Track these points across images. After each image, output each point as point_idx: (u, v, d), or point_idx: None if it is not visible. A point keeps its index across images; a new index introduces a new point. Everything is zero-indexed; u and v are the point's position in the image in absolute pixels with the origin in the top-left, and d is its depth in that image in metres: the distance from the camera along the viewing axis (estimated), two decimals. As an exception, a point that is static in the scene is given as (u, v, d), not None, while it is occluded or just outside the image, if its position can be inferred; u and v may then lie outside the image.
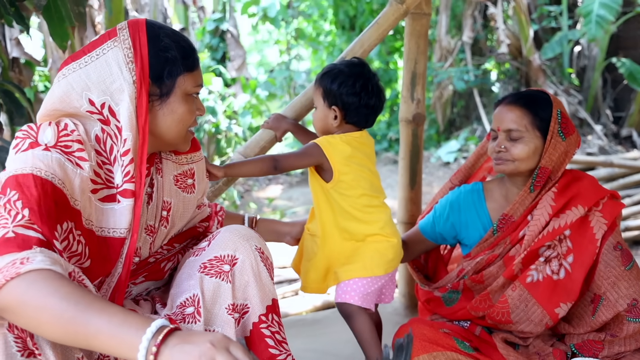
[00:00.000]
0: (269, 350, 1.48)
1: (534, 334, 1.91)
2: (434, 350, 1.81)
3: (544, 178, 1.88)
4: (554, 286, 1.85)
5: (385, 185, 7.25)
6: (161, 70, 1.39)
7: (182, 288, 1.49)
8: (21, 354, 1.12)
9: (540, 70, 8.34)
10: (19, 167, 1.24)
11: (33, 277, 1.08)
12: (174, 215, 1.61)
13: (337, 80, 1.94)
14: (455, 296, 2.04)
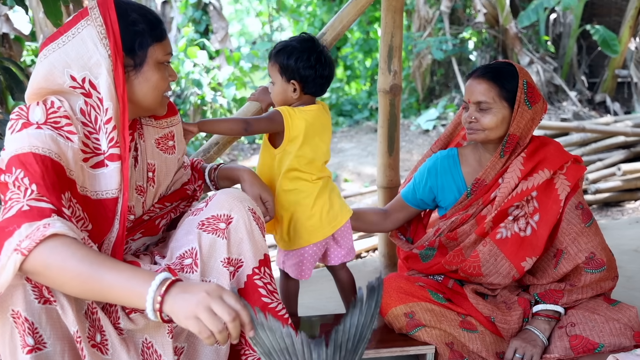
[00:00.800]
0: (261, 299, 1.64)
1: (501, 285, 2.09)
2: (409, 301, 2.00)
3: (512, 144, 2.03)
4: (521, 242, 2.02)
5: (367, 152, 7.48)
6: (132, 43, 1.49)
7: (181, 242, 1.65)
8: (38, 301, 1.28)
9: (516, 39, 8.50)
10: (18, 146, 1.36)
11: (54, 242, 1.23)
12: (159, 175, 1.73)
13: (293, 56, 2.08)
14: (431, 253, 2.21)
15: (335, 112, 10.16)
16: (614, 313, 1.93)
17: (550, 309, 2.00)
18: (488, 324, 2.02)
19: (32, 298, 1.27)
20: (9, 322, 1.26)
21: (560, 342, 1.92)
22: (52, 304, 1.30)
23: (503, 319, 2.01)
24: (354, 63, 11.28)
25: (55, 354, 1.30)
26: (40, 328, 1.28)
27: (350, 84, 11.54)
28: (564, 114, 8.02)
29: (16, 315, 1.26)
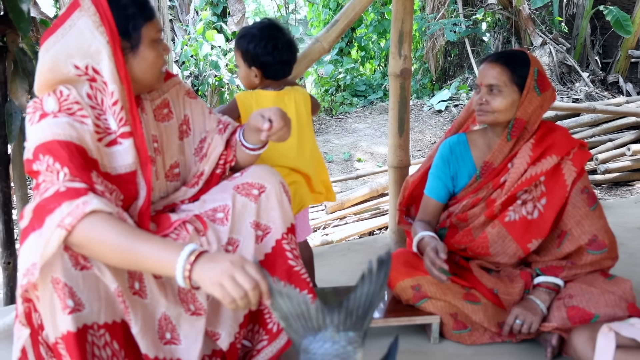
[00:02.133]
0: (288, 262, 1.76)
1: (507, 264, 2.17)
2: (416, 275, 2.12)
3: (519, 128, 2.08)
4: (528, 225, 2.09)
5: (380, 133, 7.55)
6: (126, 26, 1.56)
7: (215, 197, 1.77)
8: (75, 268, 1.39)
9: (529, 20, 8.47)
10: (41, 136, 1.45)
11: (94, 218, 1.35)
12: (162, 145, 1.79)
13: (252, 43, 2.18)
14: (442, 232, 2.30)
15: (350, 93, 10.20)
16: (610, 286, 2.00)
17: (551, 281, 2.08)
18: (491, 296, 2.12)
19: (70, 265, 1.39)
20: (48, 287, 1.38)
21: (559, 312, 2.00)
22: (88, 269, 1.42)
23: (505, 291, 2.10)
24: (368, 44, 11.29)
25: (92, 313, 1.43)
26: (78, 291, 1.40)
27: (365, 64, 11.56)
28: (576, 95, 8.03)
29: (55, 281, 1.38)
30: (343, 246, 3.37)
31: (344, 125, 8.21)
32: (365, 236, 4.66)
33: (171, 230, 1.67)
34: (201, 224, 1.70)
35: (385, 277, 1.45)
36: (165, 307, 1.58)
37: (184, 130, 1.88)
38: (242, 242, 1.73)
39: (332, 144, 7.11)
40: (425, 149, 6.86)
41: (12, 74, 2.89)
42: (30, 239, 1.38)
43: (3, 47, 2.83)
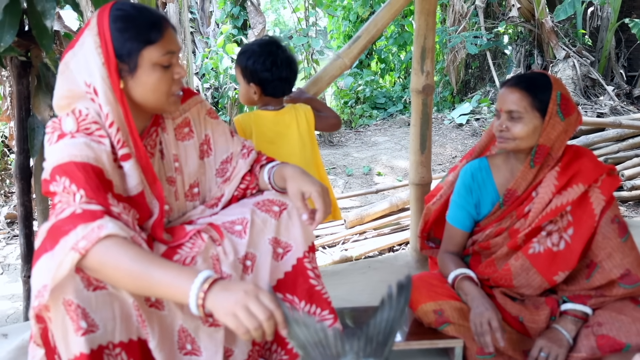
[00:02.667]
0: (309, 281, 1.74)
1: (532, 295, 2.09)
2: (439, 299, 2.06)
3: (543, 154, 2.01)
4: (554, 257, 2.00)
5: (400, 146, 7.50)
6: (122, 49, 1.53)
7: (234, 212, 1.76)
8: (87, 289, 1.39)
9: (552, 32, 8.40)
10: (58, 157, 1.46)
11: (108, 242, 1.34)
12: (182, 164, 1.79)
13: (251, 59, 2.17)
14: (466, 260, 2.26)
15: (369, 105, 10.18)
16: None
17: (579, 309, 2.00)
18: (516, 324, 2.06)
19: (82, 287, 1.39)
20: (60, 309, 1.38)
21: (587, 341, 1.93)
22: (102, 289, 1.42)
23: (531, 319, 2.04)
24: (388, 56, 11.28)
25: (107, 332, 1.43)
26: (91, 312, 1.40)
27: (385, 77, 11.55)
28: (600, 109, 7.92)
29: (67, 303, 1.37)
30: (363, 264, 3.33)
31: (363, 138, 8.18)
32: (385, 252, 4.61)
33: (186, 240, 1.66)
34: (217, 233, 1.69)
35: (406, 302, 1.43)
36: (182, 320, 1.57)
37: (204, 150, 1.86)
38: (259, 258, 1.71)
39: (352, 157, 7.09)
40: (446, 163, 6.81)
41: (36, 89, 2.91)
42: (42, 260, 1.37)
43: (27, 62, 2.85)
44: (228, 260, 1.65)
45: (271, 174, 1.82)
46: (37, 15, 2.39)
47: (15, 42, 2.67)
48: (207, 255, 1.65)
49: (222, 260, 1.66)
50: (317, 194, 1.65)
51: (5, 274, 4.62)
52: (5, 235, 5.29)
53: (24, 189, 2.96)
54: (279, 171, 1.79)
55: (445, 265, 2.21)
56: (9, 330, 2.40)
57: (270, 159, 1.94)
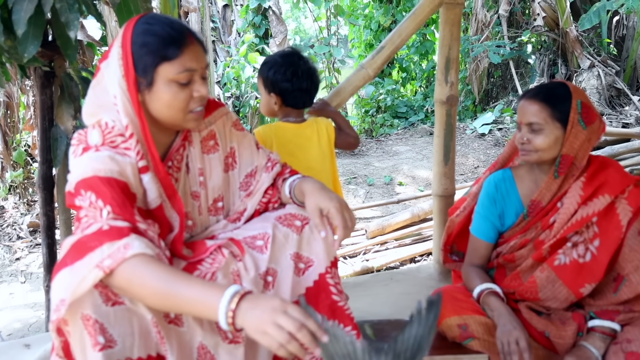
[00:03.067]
0: (331, 297, 1.73)
1: (559, 309, 2.06)
2: (463, 314, 2.03)
3: (567, 164, 1.99)
4: (580, 268, 1.97)
5: (422, 156, 7.47)
6: (140, 64, 1.54)
7: (255, 226, 1.74)
8: (105, 304, 1.39)
9: (577, 42, 8.31)
10: (82, 171, 1.47)
11: (135, 261, 1.35)
12: (206, 178, 1.78)
13: (272, 70, 2.18)
14: (491, 273, 2.23)
15: (390, 114, 10.15)
16: (672, 330, 1.87)
17: (607, 325, 1.96)
18: (542, 339, 2.03)
19: (100, 302, 1.38)
20: (79, 324, 1.37)
21: (616, 358, 1.88)
22: (120, 304, 1.41)
23: (557, 334, 2.00)
24: (409, 65, 11.24)
25: (125, 348, 1.42)
26: (109, 327, 1.39)
27: (406, 86, 11.50)
28: (626, 119, 7.80)
29: (86, 318, 1.37)
30: (385, 275, 3.30)
31: (384, 147, 8.14)
32: (407, 263, 4.57)
33: (207, 255, 1.64)
34: (238, 248, 1.67)
35: (435, 320, 1.41)
36: (201, 337, 1.56)
37: (229, 162, 1.85)
38: (280, 273, 1.70)
39: (373, 167, 7.05)
40: (468, 174, 6.74)
41: (59, 99, 2.93)
42: (61, 274, 1.37)
43: (50, 72, 2.87)
44: (249, 276, 1.64)
45: (292, 188, 1.80)
46: (61, 26, 2.40)
47: (39, 53, 2.68)
48: (228, 271, 1.64)
49: (242, 276, 1.64)
50: (335, 210, 1.62)
51: (27, 283, 4.65)
52: (27, 244, 5.33)
53: (47, 199, 2.98)
54: (299, 185, 1.77)
55: (470, 278, 2.18)
56: (31, 341, 2.41)
57: (294, 172, 1.92)
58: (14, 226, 5.60)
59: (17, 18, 2.20)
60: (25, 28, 2.22)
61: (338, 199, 1.66)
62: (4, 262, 5.02)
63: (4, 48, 2.43)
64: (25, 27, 2.22)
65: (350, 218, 1.65)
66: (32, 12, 2.21)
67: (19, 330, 3.74)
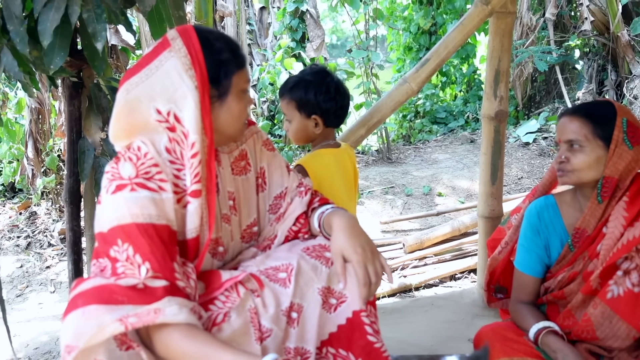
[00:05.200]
0: (367, 337, 1.57)
1: (622, 348, 1.87)
2: (514, 355, 1.83)
3: (611, 187, 1.85)
4: (637, 299, 1.79)
5: (462, 165, 7.23)
6: (217, 72, 1.47)
7: (280, 256, 1.61)
8: (119, 349, 1.31)
9: (628, 47, 7.97)
10: (118, 215, 1.37)
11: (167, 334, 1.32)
12: (239, 202, 1.69)
13: (310, 91, 2.03)
14: (542, 310, 2.05)
15: (429, 120, 9.93)
16: None
17: None
18: None
19: (115, 346, 1.31)
20: None
21: None
22: (134, 348, 1.33)
23: None
24: (449, 69, 10.99)
25: None
26: None
27: (445, 90, 11.26)
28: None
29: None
30: (425, 301, 3.12)
31: (423, 155, 7.92)
32: (447, 280, 4.37)
33: (220, 292, 1.51)
34: (257, 283, 1.54)
35: None
36: None
37: (259, 184, 1.74)
38: (306, 309, 1.55)
39: (411, 176, 6.84)
40: (512, 185, 6.48)
41: (87, 110, 2.83)
42: (73, 316, 1.29)
43: (78, 83, 2.77)
44: (268, 313, 1.51)
45: (321, 220, 1.68)
46: (88, 36, 2.30)
47: (67, 62, 2.59)
48: (244, 309, 1.50)
49: (261, 313, 1.51)
50: (357, 264, 1.51)
51: (56, 292, 4.59)
52: (58, 252, 5.28)
53: (74, 214, 2.88)
54: (329, 219, 1.66)
55: (521, 317, 1.99)
56: None
57: (323, 200, 1.79)
58: (45, 233, 5.56)
59: (43, 29, 2.13)
60: (51, 39, 2.14)
61: (365, 246, 1.54)
62: (35, 270, 4.98)
63: (30, 59, 2.36)
64: (51, 37, 2.14)
65: (376, 271, 1.52)
66: (58, 22, 2.12)
67: (45, 343, 3.67)
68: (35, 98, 5.26)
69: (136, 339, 1.34)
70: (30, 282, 4.76)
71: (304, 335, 1.55)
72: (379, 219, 5.53)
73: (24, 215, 5.93)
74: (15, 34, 2.12)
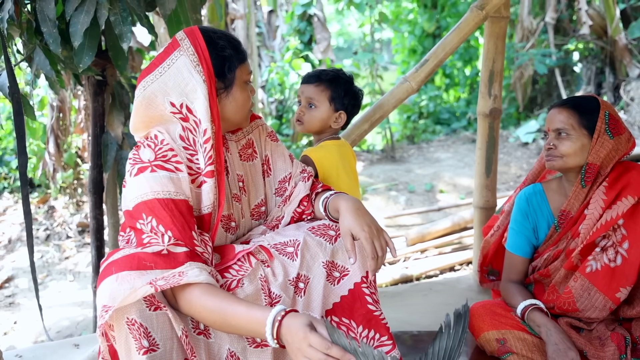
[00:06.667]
0: (367, 306, 1.73)
1: (600, 319, 2.06)
2: (502, 328, 2.05)
3: (593, 173, 2.05)
4: (612, 273, 2.00)
5: (463, 164, 7.41)
6: (222, 67, 1.65)
7: (287, 234, 1.79)
8: (149, 309, 1.46)
9: (626, 50, 8.12)
10: (141, 192, 1.56)
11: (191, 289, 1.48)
12: (248, 184, 1.86)
13: (350, 91, 2.18)
14: (529, 289, 2.24)
15: (433, 121, 10.10)
16: None
17: None
18: (581, 358, 2.01)
19: (144, 307, 1.46)
20: (124, 328, 1.44)
21: None
22: (161, 309, 1.48)
23: (596, 354, 1.99)
24: (453, 71, 11.16)
25: (166, 352, 1.49)
26: (152, 332, 1.47)
27: (449, 92, 11.43)
28: (676, 130, 7.60)
29: (131, 322, 1.44)
30: (424, 285, 3.30)
31: (426, 154, 8.11)
32: (447, 271, 4.56)
33: (234, 262, 1.70)
34: (266, 254, 1.72)
35: (464, 332, 1.46)
36: (229, 343, 1.62)
37: (265, 170, 1.93)
38: (312, 280, 1.73)
39: (414, 174, 7.04)
40: (511, 182, 6.67)
41: (110, 106, 3.04)
42: (107, 282, 1.48)
43: (102, 81, 2.98)
44: (277, 281, 1.69)
45: (327, 204, 1.83)
46: (114, 37, 2.49)
47: (92, 62, 2.79)
48: (255, 277, 1.68)
49: (270, 281, 1.69)
50: (365, 240, 1.62)
51: (76, 281, 4.81)
52: (76, 243, 5.52)
53: (97, 203, 3.09)
54: (334, 202, 1.78)
55: (510, 295, 2.19)
56: (80, 341, 2.50)
57: (325, 187, 1.97)
58: (63, 225, 5.81)
59: (74, 30, 2.30)
60: (81, 40, 2.32)
61: (371, 224, 1.66)
62: (54, 260, 5.22)
63: (60, 58, 2.54)
64: (81, 39, 2.31)
65: (381, 246, 1.64)
66: (88, 24, 2.30)
67: (67, 327, 3.87)
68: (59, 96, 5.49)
69: (163, 301, 1.51)
70: (50, 272, 5.00)
71: (310, 304, 1.72)
72: (383, 214, 5.72)
73: (43, 209, 6.17)
74: (48, 35, 2.31)
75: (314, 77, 2.19)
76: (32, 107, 2.59)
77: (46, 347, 2.47)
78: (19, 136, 2.37)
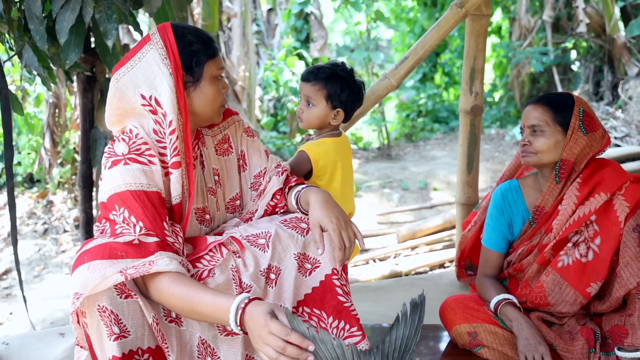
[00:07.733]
0: (337, 297, 1.75)
1: (571, 313, 2.08)
2: (474, 322, 2.08)
3: (567, 169, 2.07)
4: (584, 268, 2.02)
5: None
6: (190, 61, 1.68)
7: (260, 226, 1.82)
8: (120, 297, 1.50)
9: (624, 48, 8.13)
10: (115, 184, 1.60)
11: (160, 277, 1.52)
12: (223, 178, 1.90)
13: (347, 88, 2.15)
14: (504, 284, 2.27)
15: (431, 119, 10.14)
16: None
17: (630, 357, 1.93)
18: (551, 352, 2.02)
19: (115, 294, 1.50)
20: (95, 315, 1.49)
21: None
22: (132, 297, 1.53)
23: (565, 348, 2.01)
24: (452, 70, 11.19)
25: (137, 338, 1.54)
26: (123, 319, 1.51)
27: (448, 90, 11.46)
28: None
29: (102, 309, 1.48)
30: (407, 280, 3.36)
31: (422, 152, 8.15)
32: (436, 268, 4.61)
33: (206, 252, 1.73)
34: (238, 245, 1.75)
35: (420, 321, 1.48)
36: (200, 331, 1.67)
37: (240, 164, 1.97)
38: (283, 272, 1.76)
39: (409, 171, 7.08)
40: (505, 180, 6.69)
41: (99, 102, 3.09)
42: (80, 270, 1.51)
43: (92, 77, 3.04)
44: (248, 272, 1.72)
45: (299, 197, 1.87)
46: (100, 35, 2.54)
47: (82, 59, 2.84)
48: (226, 267, 1.72)
49: (241, 272, 1.73)
50: (332, 232, 1.66)
51: (71, 274, 4.88)
52: (73, 237, 5.61)
53: (86, 197, 3.14)
54: (305, 195, 1.83)
55: (484, 289, 2.22)
56: (66, 330, 2.56)
57: (299, 181, 2.00)
58: (61, 220, 5.91)
59: (60, 27, 2.34)
60: (67, 37, 2.36)
61: (339, 216, 1.70)
62: (51, 253, 5.31)
63: (48, 55, 2.60)
64: (67, 36, 2.35)
65: (349, 237, 1.68)
66: (73, 22, 2.34)
67: (60, 319, 3.95)
68: (53, 92, 5.57)
69: (134, 289, 1.55)
70: (46, 265, 5.09)
71: (282, 294, 1.76)
72: (376, 211, 5.77)
73: (41, 203, 6.28)
74: (35, 32, 2.36)
75: (311, 75, 2.19)
76: (20, 102, 2.64)
77: (33, 335, 2.54)
78: (6, 131, 2.43)
